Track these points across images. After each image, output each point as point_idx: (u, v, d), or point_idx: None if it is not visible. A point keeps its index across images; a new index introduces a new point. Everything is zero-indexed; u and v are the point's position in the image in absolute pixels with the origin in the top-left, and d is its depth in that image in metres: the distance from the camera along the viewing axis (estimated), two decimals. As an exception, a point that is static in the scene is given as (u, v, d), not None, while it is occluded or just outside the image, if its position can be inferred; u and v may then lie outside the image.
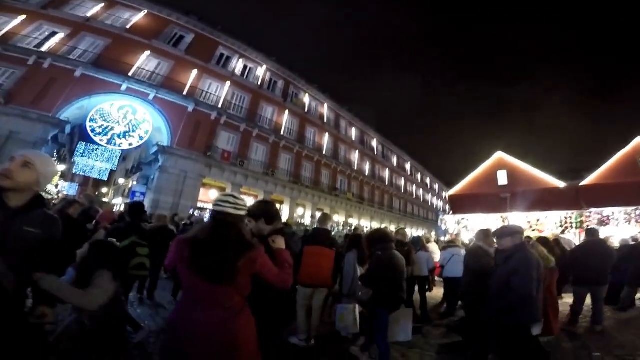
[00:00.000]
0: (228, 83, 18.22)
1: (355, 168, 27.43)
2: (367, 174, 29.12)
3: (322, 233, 4.05)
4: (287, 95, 21.99)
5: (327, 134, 24.65)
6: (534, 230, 10.74)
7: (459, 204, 13.12)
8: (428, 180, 45.04)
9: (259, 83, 20.15)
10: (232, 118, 17.81)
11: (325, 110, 25.48)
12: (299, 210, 21.27)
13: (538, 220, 11.20)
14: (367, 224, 25.28)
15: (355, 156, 28.06)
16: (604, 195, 11.77)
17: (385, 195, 32.27)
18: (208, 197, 16.87)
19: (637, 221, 10.54)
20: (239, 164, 17.50)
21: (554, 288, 4.23)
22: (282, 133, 20.54)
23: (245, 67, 20.05)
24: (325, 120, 24.94)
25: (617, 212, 10.81)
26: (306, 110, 23.08)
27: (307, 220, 19.60)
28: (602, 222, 10.62)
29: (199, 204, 16.16)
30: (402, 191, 35.96)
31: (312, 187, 21.73)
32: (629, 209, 10.66)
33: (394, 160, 35.60)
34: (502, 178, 13.51)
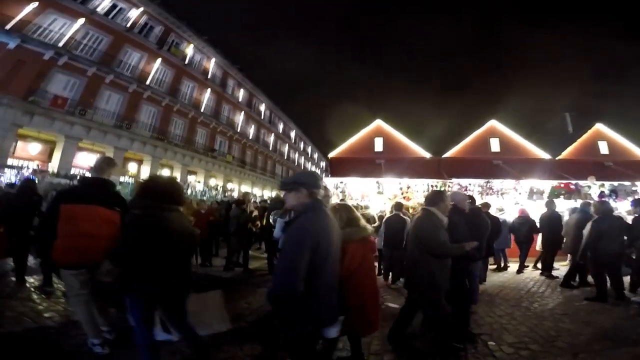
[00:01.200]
0: (82, 20, 13.82)
1: (239, 130, 25.03)
2: (251, 138, 27.10)
3: (96, 185, 2.65)
4: (165, 43, 18.53)
5: (209, 91, 21.70)
6: (404, 197, 11.12)
7: (339, 167, 12.82)
8: (310, 150, 46.33)
9: (128, 25, 16.09)
10: (77, 60, 13.60)
11: (211, 65, 22.52)
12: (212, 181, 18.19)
13: (409, 187, 11.65)
14: (249, 190, 23.76)
15: (240, 118, 25.65)
16: (461, 168, 13.00)
17: (269, 160, 31.04)
18: (28, 153, 12.45)
19: (488, 193, 12.06)
20: (78, 112, 13.39)
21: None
22: (148, 83, 16.82)
23: (114, 6, 15.86)
24: (209, 76, 21.98)
25: (473, 184, 12.13)
26: (187, 62, 19.82)
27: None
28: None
29: (12, 161, 11.78)
30: (286, 158, 35.54)
31: (183, 146, 18.74)
32: (482, 181, 12.12)
33: (280, 126, 34.74)
34: (379, 145, 13.78)
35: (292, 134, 38.73)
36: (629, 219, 5.40)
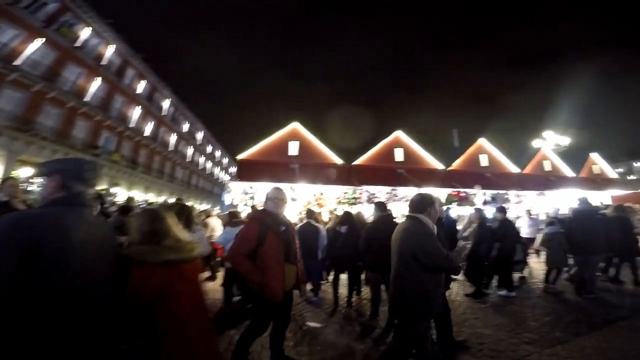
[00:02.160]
0: None
1: (133, 126, 21.79)
2: (147, 135, 23.75)
3: None
4: (56, 21, 15.70)
5: (99, 79, 18.51)
6: (317, 204, 10.79)
7: (248, 171, 11.81)
8: (219, 154, 43.71)
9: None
10: None
11: (108, 51, 19.70)
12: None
13: (322, 194, 11.39)
14: (140, 195, 20.59)
15: (135, 112, 22.39)
16: (370, 175, 13.38)
17: (167, 162, 27.63)
18: None
19: (393, 200, 12.61)
20: None
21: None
22: (16, 63, 13.53)
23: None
24: (103, 63, 19.03)
25: (381, 191, 12.54)
26: (78, 45, 16.95)
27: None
28: (370, 199, 11.90)
29: None
30: (189, 161, 32.43)
31: (55, 140, 15.18)
32: (388, 188, 12.65)
33: (185, 125, 31.65)
34: (294, 148, 13.27)
35: (199, 135, 35.62)
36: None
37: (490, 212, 13.32)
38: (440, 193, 13.41)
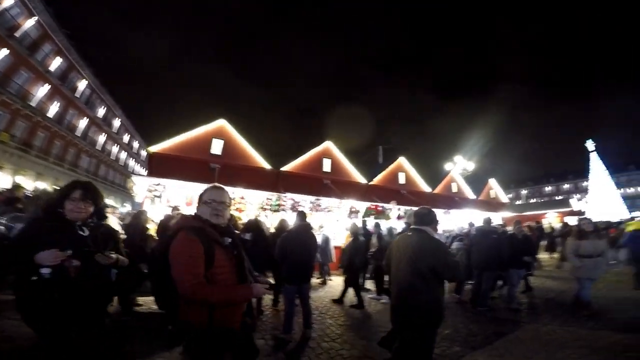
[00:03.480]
0: None
1: (34, 105, 18.55)
2: (52, 117, 20.47)
3: None
4: None
5: (5, 50, 16.19)
6: (236, 209, 10.18)
7: (160, 166, 10.58)
8: (137, 145, 39.70)
9: None
10: None
11: (28, 23, 17.63)
12: None
13: (242, 198, 10.79)
14: (30, 183, 17.32)
15: (41, 90, 19.25)
16: (297, 183, 13.18)
17: (72, 148, 24.20)
18: None
19: (317, 210, 12.59)
20: None
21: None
22: None
23: None
24: (17, 34, 16.85)
25: (305, 200, 12.43)
26: None
27: None
28: (294, 208, 11.68)
29: None
30: (100, 150, 28.84)
31: None
32: (313, 198, 12.62)
33: (101, 111, 28.18)
34: (217, 147, 12.37)
35: (116, 123, 31.89)
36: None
37: (403, 226, 14.18)
38: (360, 206, 13.94)
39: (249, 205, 10.39)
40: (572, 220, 17.51)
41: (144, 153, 41.12)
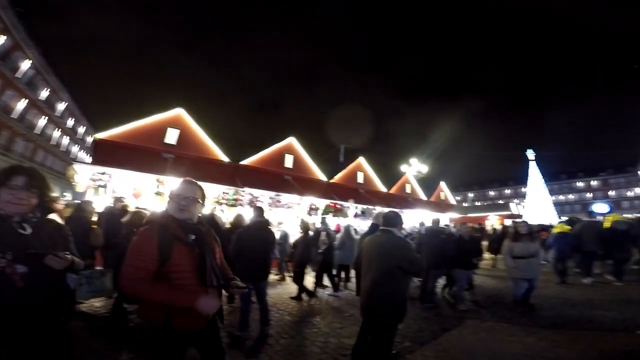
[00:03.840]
0: None
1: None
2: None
3: None
4: None
5: None
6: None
7: (106, 154, 9.77)
8: (82, 131, 36.56)
9: None
10: None
11: None
12: None
13: (196, 192, 10.39)
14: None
15: None
16: (256, 178, 12.96)
17: (5, 131, 21.84)
18: None
19: (276, 206, 12.47)
20: None
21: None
22: None
23: None
24: None
25: (265, 195, 12.24)
26: None
27: None
28: (252, 203, 11.44)
29: None
30: (39, 134, 26.22)
31: None
32: (272, 193, 12.46)
33: (44, 93, 25.58)
34: (172, 136, 11.74)
35: (60, 106, 29.12)
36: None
37: (360, 224, 14.64)
38: (320, 203, 14.09)
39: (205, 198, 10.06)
40: (511, 223, 19.20)
41: (90, 139, 37.83)
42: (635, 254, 8.35)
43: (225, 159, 13.13)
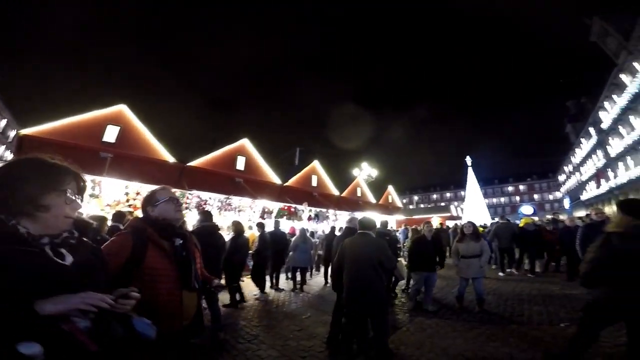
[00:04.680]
0: None
1: None
2: None
3: None
4: None
5: None
6: (130, 205, 9.10)
7: (32, 152, 8.76)
8: (3, 124, 32.30)
9: None
10: None
11: None
12: None
13: (138, 194, 9.70)
14: None
15: None
16: (204, 180, 12.43)
17: None
18: None
19: (226, 209, 12.06)
20: None
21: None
22: None
23: None
24: None
25: (214, 198, 11.76)
26: None
27: None
28: (200, 205, 10.96)
29: None
30: None
31: None
32: (222, 196, 12.04)
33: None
34: (112, 134, 10.83)
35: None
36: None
37: (314, 227, 14.74)
38: (274, 206, 13.98)
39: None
40: (451, 224, 20.76)
41: (11, 134, 33.35)
42: (545, 251, 9.61)
43: (171, 159, 12.44)
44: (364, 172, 24.26)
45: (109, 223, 5.10)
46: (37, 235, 1.00)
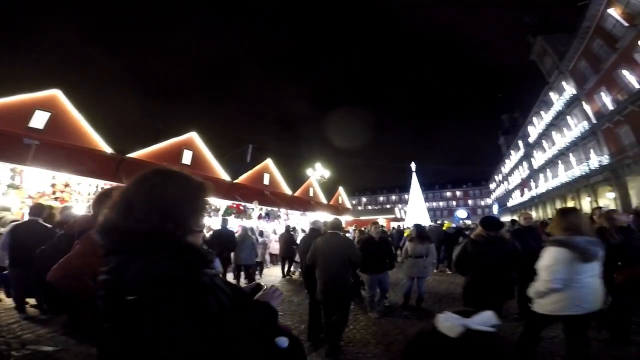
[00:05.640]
0: None
1: None
2: None
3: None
4: None
5: None
6: (56, 198, 8.21)
7: None
8: None
9: None
10: None
11: None
12: None
13: (67, 186, 8.77)
14: None
15: None
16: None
17: None
18: None
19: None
20: None
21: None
22: None
23: None
24: None
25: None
26: None
27: None
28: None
29: None
30: None
31: None
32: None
33: None
34: (40, 119, 9.57)
35: None
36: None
37: (264, 226, 14.60)
38: (221, 204, 13.55)
39: (75, 195, 8.58)
40: (395, 225, 21.94)
41: None
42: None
43: (107, 149, 11.46)
44: (317, 173, 24.58)
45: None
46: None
